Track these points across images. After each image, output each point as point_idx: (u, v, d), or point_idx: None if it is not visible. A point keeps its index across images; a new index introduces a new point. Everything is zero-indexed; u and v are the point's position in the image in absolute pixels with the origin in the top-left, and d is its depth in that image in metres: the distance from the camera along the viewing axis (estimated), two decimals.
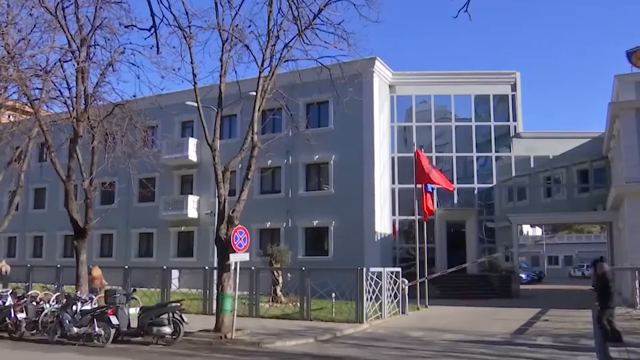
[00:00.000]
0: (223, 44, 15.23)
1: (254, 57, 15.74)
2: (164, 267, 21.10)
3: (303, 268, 19.42)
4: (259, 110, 15.64)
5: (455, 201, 33.65)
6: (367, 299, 17.63)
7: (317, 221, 30.24)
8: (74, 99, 17.15)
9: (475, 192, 33.79)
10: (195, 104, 16.11)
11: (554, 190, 35.29)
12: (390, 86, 33.20)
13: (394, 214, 32.23)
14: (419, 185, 24.99)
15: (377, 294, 18.35)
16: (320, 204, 30.14)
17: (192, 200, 33.60)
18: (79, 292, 15.65)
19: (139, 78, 19.21)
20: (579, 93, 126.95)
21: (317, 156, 29.90)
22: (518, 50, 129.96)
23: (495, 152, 34.18)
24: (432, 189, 26.76)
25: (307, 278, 18.87)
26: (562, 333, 15.50)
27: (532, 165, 34.50)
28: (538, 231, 68.99)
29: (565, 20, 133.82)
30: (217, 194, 15.67)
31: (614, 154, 28.67)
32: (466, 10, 8.93)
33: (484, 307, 22.78)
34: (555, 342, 13.94)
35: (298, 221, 30.78)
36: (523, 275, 40.36)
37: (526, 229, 65.83)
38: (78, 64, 16.48)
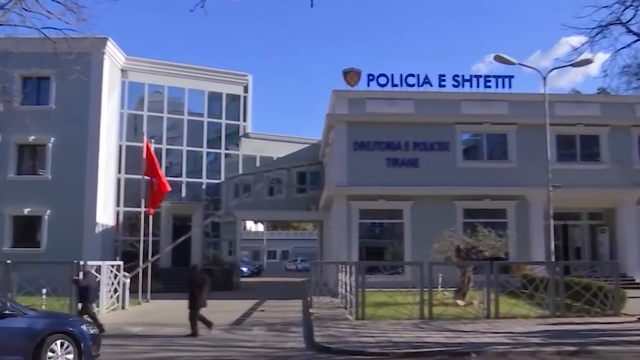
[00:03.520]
0: None
1: None
2: None
3: (8, 261, 17.34)
4: None
5: (183, 195, 33.64)
6: None
7: (29, 209, 27.09)
8: None
9: (203, 187, 34.28)
10: None
11: (276, 189, 37.88)
12: (122, 71, 31.61)
13: (118, 204, 30.78)
14: (147, 177, 24.20)
15: None
16: (33, 190, 27.04)
17: None
18: None
19: None
20: (305, 100, 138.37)
21: (33, 137, 26.70)
22: (252, 53, 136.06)
23: (225, 149, 35.21)
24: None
25: (12, 272, 16.96)
26: (275, 322, 16.62)
27: (257, 165, 36.47)
28: (261, 227, 73.05)
29: (296, 30, 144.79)
30: None
31: (328, 160, 31.94)
32: (203, 6, 9.00)
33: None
34: (269, 331, 14.90)
35: (5, 208, 27.07)
36: (244, 269, 42.31)
37: (249, 224, 69.19)
38: None
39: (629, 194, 25.20)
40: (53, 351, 9.46)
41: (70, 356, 9.65)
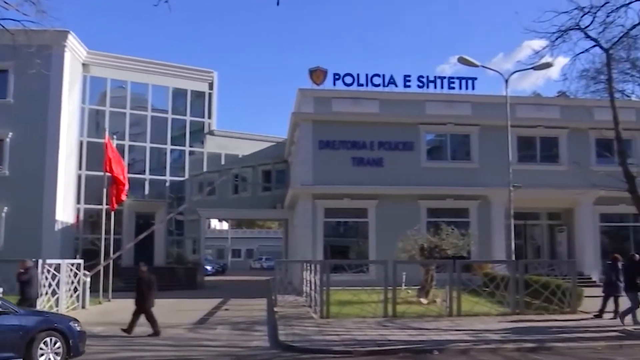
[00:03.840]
0: None
1: None
2: None
3: None
4: None
5: (147, 192, 33.14)
6: (42, 294, 16.09)
7: None
8: None
9: (167, 184, 33.86)
10: None
11: (241, 187, 37.65)
12: (84, 65, 30.96)
13: (79, 202, 30.15)
14: (108, 174, 23.70)
15: (54, 288, 16.88)
16: None
17: None
18: None
19: None
20: (271, 99, 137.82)
21: None
22: (219, 49, 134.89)
23: (189, 146, 34.85)
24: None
25: None
26: (239, 321, 16.56)
27: (222, 162, 36.18)
28: (225, 225, 72.46)
29: (263, 28, 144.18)
30: None
31: (293, 158, 31.90)
32: (167, 1, 8.84)
33: (168, 299, 22.73)
34: (233, 330, 14.82)
35: None
36: (208, 267, 41.96)
37: (214, 223, 68.61)
38: None
39: (586, 194, 25.83)
40: (43, 348, 9.83)
41: (60, 351, 10.02)
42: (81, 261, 20.21)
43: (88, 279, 20.07)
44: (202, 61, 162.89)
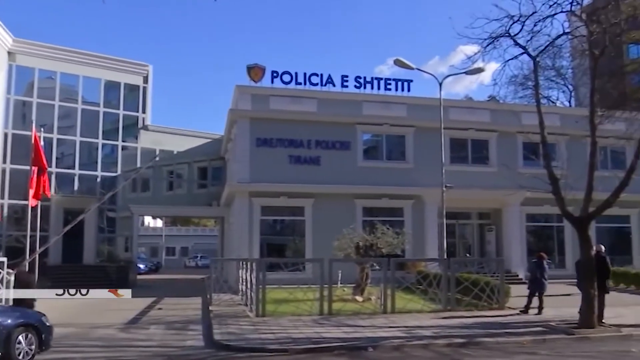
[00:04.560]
0: None
1: None
2: None
3: None
4: None
5: (76, 188, 31.95)
6: None
7: None
8: None
9: (98, 180, 32.78)
10: None
11: (176, 184, 36.93)
12: (9, 53, 29.55)
13: (2, 197, 28.74)
14: (35, 167, 22.58)
15: None
16: None
17: None
18: None
19: None
20: (208, 95, 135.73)
21: None
22: (155, 43, 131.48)
23: (122, 141, 33.86)
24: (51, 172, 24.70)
25: None
26: (173, 320, 16.27)
27: (157, 158, 35.34)
28: (159, 222, 70.75)
29: (199, 24, 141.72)
30: None
31: (230, 155, 31.55)
32: None
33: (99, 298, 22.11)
34: (167, 329, 14.54)
35: None
36: (141, 266, 40.93)
37: (147, 220, 66.93)
38: None
39: (513, 195, 26.76)
40: (18, 346, 10.08)
41: (33, 345, 10.38)
42: (4, 259, 19.20)
43: (12, 278, 19.09)
44: (137, 54, 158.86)
